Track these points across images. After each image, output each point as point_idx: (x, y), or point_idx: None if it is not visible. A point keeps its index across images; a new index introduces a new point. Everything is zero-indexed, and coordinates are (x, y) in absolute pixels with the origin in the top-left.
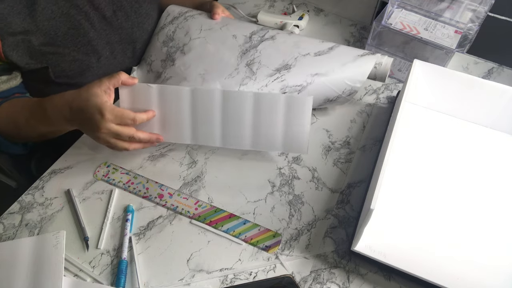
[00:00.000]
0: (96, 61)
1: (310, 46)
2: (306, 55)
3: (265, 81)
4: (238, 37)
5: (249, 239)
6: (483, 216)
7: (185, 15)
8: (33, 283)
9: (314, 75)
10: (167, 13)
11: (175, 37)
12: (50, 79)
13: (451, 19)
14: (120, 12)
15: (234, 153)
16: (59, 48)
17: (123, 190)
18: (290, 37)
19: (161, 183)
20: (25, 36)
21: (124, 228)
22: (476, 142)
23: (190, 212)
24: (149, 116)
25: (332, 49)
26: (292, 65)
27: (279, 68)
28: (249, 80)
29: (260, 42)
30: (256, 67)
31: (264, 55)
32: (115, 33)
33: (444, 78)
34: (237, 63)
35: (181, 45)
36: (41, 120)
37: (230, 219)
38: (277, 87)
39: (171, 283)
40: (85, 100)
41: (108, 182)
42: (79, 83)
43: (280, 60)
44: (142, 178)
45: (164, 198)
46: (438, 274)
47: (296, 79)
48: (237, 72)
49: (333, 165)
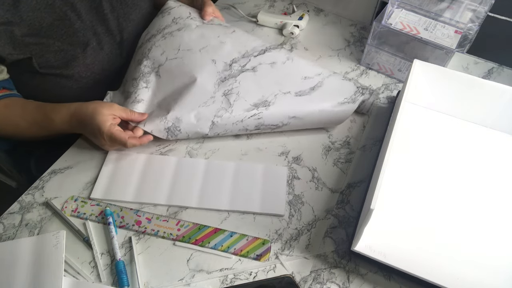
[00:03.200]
0: (82, 51)
1: (292, 84)
2: (287, 93)
3: (241, 116)
4: (218, 62)
5: (238, 251)
6: (483, 216)
7: (163, 32)
8: (33, 283)
9: (291, 117)
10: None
11: (150, 55)
12: (35, 69)
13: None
14: (106, 2)
15: (234, 153)
16: (43, 38)
17: (97, 223)
18: (272, 71)
19: (136, 209)
20: (7, 27)
21: (109, 231)
22: (476, 142)
23: (173, 234)
24: (143, 142)
25: (314, 89)
26: (271, 102)
27: (257, 104)
28: (225, 113)
29: (240, 72)
30: (234, 98)
31: (243, 87)
32: (102, 23)
33: (444, 78)
34: (213, 90)
35: (156, 66)
36: (46, 128)
37: (215, 234)
38: (253, 124)
39: (171, 283)
40: (90, 116)
41: (79, 217)
42: (64, 73)
43: (259, 95)
44: (115, 207)
45: (143, 225)
46: (438, 274)
47: (272, 118)
48: (213, 101)
49: (333, 165)
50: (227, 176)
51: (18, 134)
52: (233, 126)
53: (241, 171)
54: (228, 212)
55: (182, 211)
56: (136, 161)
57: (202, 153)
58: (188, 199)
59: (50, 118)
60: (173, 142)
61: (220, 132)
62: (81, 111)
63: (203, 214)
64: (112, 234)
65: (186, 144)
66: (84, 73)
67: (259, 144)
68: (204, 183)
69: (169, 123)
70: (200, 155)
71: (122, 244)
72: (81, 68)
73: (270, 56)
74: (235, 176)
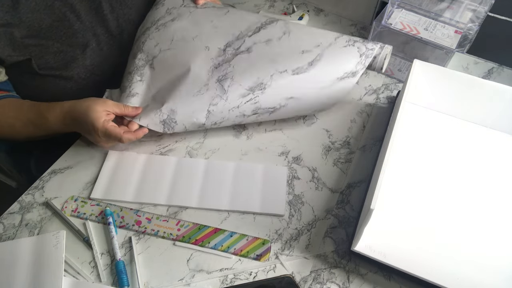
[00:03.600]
0: (81, 52)
1: (289, 61)
2: (283, 72)
3: (237, 102)
4: (212, 49)
5: (238, 251)
6: (483, 216)
7: (157, 24)
8: (33, 283)
9: (289, 98)
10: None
11: (144, 48)
12: (34, 71)
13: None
14: (105, 3)
15: (234, 153)
16: (42, 40)
17: (97, 223)
18: (267, 49)
19: (136, 209)
20: (7, 29)
21: (109, 231)
22: (476, 142)
23: (173, 234)
24: (138, 136)
25: (312, 64)
26: (267, 85)
27: (252, 88)
28: (220, 100)
29: (234, 55)
30: (228, 83)
31: (237, 71)
32: (101, 24)
33: (444, 78)
34: (207, 77)
35: (150, 59)
36: (41, 127)
37: (216, 234)
38: (250, 109)
39: (171, 283)
40: (84, 114)
41: (79, 217)
42: (64, 75)
43: (254, 77)
44: (115, 207)
45: (143, 225)
46: (438, 274)
47: (269, 101)
48: (207, 88)
49: (333, 165)
50: (227, 176)
51: (14, 134)
52: (229, 113)
53: (241, 171)
54: (228, 212)
55: (182, 211)
56: (136, 161)
57: (202, 153)
58: (188, 199)
59: (44, 117)
60: (173, 142)
61: (217, 121)
62: (75, 108)
63: (203, 214)
64: (112, 234)
65: (186, 144)
66: (84, 74)
67: (259, 144)
68: (204, 183)
69: (164, 116)
70: (200, 155)
71: (122, 244)
72: (81, 69)
73: (265, 33)
74: (235, 176)
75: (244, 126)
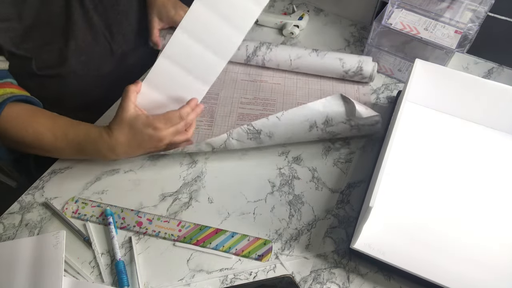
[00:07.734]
0: (76, 47)
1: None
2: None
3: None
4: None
5: (240, 252)
6: (483, 215)
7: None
8: (33, 283)
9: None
10: None
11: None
12: (33, 71)
13: (451, 19)
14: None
15: (234, 153)
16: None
17: (97, 224)
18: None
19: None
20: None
21: (109, 231)
22: (476, 142)
23: (174, 235)
24: (192, 105)
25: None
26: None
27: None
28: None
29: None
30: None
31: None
32: (100, 18)
33: (445, 77)
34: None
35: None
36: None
37: (217, 235)
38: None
39: (171, 283)
40: (130, 126)
41: (79, 218)
42: (62, 73)
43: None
44: (116, 208)
45: (144, 226)
46: (437, 273)
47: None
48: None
49: (333, 165)
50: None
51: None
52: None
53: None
54: (228, 212)
55: (182, 211)
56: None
57: (202, 153)
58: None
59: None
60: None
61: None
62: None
63: (203, 214)
64: (112, 234)
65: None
66: (81, 70)
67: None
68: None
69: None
70: (200, 155)
71: (122, 244)
72: (77, 66)
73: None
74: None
75: None
